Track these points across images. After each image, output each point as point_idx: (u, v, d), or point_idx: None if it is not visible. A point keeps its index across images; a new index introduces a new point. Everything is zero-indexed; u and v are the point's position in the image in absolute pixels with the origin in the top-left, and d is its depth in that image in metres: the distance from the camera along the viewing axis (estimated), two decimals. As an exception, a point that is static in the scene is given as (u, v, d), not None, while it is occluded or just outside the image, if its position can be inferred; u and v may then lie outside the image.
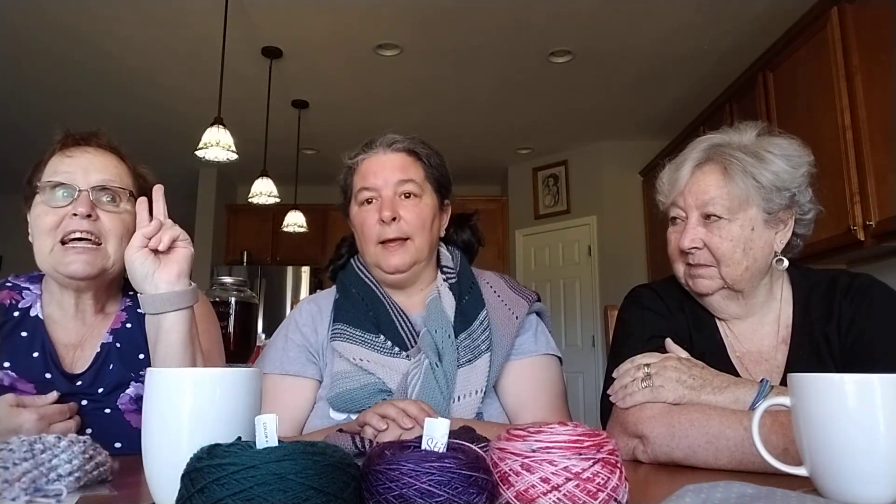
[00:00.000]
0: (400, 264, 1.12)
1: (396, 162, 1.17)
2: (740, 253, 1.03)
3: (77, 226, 1.03)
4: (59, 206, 1.04)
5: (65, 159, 1.07)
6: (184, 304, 0.95)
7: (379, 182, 1.14)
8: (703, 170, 1.06)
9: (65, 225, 1.03)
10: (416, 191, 1.16)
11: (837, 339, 1.03)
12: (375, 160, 1.17)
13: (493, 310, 1.16)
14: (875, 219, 2.60)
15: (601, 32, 3.80)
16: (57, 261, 1.04)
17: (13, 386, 1.03)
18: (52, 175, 1.06)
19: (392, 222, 1.11)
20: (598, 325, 5.42)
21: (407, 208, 1.14)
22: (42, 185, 1.06)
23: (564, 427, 0.60)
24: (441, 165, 1.22)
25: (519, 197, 6.32)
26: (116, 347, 1.12)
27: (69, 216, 1.03)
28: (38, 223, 1.05)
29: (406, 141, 1.19)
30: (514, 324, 1.14)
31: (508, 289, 1.21)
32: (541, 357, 1.16)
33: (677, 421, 0.89)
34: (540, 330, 1.19)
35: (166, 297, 0.93)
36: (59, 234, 1.03)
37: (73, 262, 1.03)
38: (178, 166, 5.95)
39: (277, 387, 1.13)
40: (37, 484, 0.65)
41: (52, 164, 1.08)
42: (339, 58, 4.13)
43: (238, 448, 0.51)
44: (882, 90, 2.59)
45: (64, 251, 1.03)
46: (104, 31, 3.77)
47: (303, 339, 1.17)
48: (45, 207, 1.05)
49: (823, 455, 0.62)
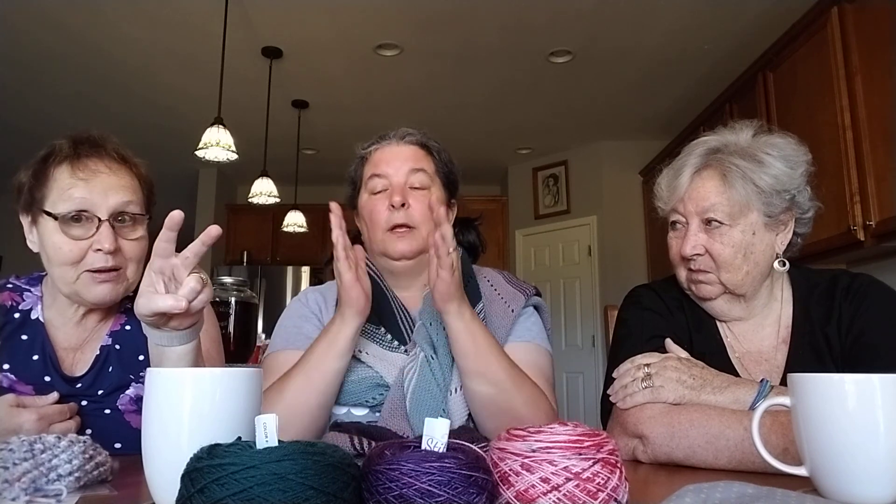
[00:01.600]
0: (407, 250, 1.12)
1: (408, 153, 1.18)
2: (741, 258, 1.03)
3: (103, 262, 1.03)
4: (80, 238, 1.02)
5: (78, 182, 1.03)
6: (193, 338, 0.89)
7: (391, 170, 1.16)
8: (703, 176, 1.05)
9: (90, 260, 1.02)
10: (427, 182, 1.17)
11: (837, 339, 1.03)
12: (388, 150, 1.19)
13: (489, 302, 1.16)
14: (875, 219, 2.60)
15: (601, 32, 3.80)
16: (82, 289, 1.04)
17: (12, 388, 1.03)
18: (67, 200, 1.02)
19: (402, 208, 1.12)
20: (598, 325, 5.42)
21: (416, 198, 1.14)
22: (61, 215, 1.01)
23: (564, 427, 0.60)
24: (451, 162, 1.24)
25: (519, 197, 6.33)
26: (116, 350, 1.12)
27: (93, 250, 1.02)
28: (57, 252, 1.02)
29: (419, 134, 1.22)
30: (509, 316, 1.14)
31: (506, 283, 1.22)
32: (529, 343, 1.15)
33: (677, 421, 0.89)
34: (533, 321, 1.19)
35: (176, 335, 0.87)
36: (82, 267, 1.03)
37: (99, 292, 1.04)
38: (178, 166, 5.95)
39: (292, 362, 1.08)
40: (37, 484, 0.65)
41: (61, 182, 1.03)
42: (339, 58, 4.13)
43: (238, 448, 0.51)
44: (882, 90, 2.59)
45: (90, 280, 1.04)
46: (104, 32, 3.77)
47: (316, 321, 1.17)
48: (64, 238, 1.02)
49: (823, 455, 0.62)
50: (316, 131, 5.21)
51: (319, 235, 5.95)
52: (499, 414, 1.01)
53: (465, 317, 1.01)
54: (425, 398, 1.02)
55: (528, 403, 1.01)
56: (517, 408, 1.00)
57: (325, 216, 0.99)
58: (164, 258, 0.80)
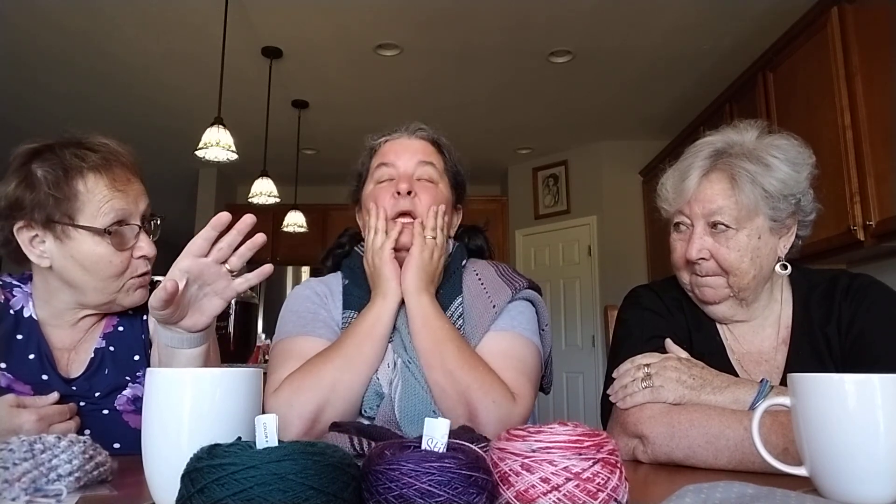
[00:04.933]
0: (407, 242, 1.10)
1: (419, 146, 1.18)
2: (748, 262, 1.03)
3: (145, 268, 1.08)
4: (125, 248, 1.05)
5: (117, 194, 1.04)
6: (203, 342, 0.89)
7: (399, 160, 1.15)
8: (711, 178, 1.04)
9: (134, 267, 1.07)
10: (435, 176, 1.16)
11: (837, 339, 1.03)
12: (398, 142, 1.19)
13: (471, 297, 1.12)
14: (875, 219, 2.60)
15: (601, 32, 3.80)
16: (123, 297, 1.08)
17: (10, 388, 1.03)
18: (109, 213, 1.03)
19: (408, 196, 1.11)
20: (598, 325, 5.42)
21: (423, 189, 1.13)
22: (107, 228, 1.02)
23: (564, 427, 0.60)
24: (460, 163, 1.23)
25: (519, 197, 6.32)
26: (110, 351, 1.12)
27: (135, 258, 1.06)
28: (105, 265, 1.03)
29: (430, 130, 1.21)
30: (490, 313, 1.10)
31: (497, 276, 1.17)
32: (506, 332, 1.09)
33: (677, 421, 0.89)
34: (520, 311, 1.13)
35: (194, 337, 0.87)
36: (127, 276, 1.06)
37: (137, 297, 1.09)
38: (178, 166, 5.95)
39: (314, 347, 1.07)
40: (37, 484, 0.65)
41: (97, 195, 1.02)
42: (339, 58, 4.13)
43: (238, 448, 0.51)
44: (882, 90, 2.59)
45: (131, 287, 1.08)
46: (104, 32, 3.77)
47: (325, 313, 1.15)
48: (110, 250, 1.03)
49: (823, 455, 0.62)
50: (316, 131, 5.21)
51: (319, 235, 5.95)
52: (451, 402, 0.98)
53: (422, 301, 1.03)
54: (413, 402, 1.00)
55: (474, 387, 0.97)
56: (464, 392, 0.97)
57: (325, 216, 0.99)
58: (196, 256, 0.82)
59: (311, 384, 0.98)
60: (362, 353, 1.02)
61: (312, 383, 0.98)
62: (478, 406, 0.97)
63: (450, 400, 0.99)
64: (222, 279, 0.85)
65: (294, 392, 0.98)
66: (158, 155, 5.64)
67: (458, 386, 0.98)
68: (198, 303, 0.86)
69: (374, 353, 1.03)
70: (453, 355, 1.00)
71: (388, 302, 1.05)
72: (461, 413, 0.97)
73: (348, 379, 1.00)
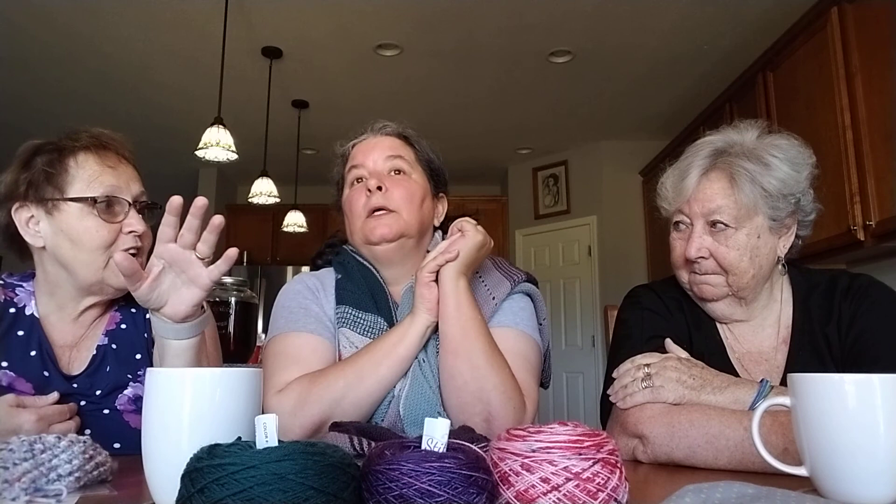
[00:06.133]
0: (387, 233, 1.10)
1: (386, 142, 1.19)
2: (747, 261, 1.03)
3: (133, 243, 1.08)
4: (113, 221, 1.06)
5: (107, 169, 1.07)
6: (193, 333, 0.91)
7: (368, 160, 1.16)
8: (710, 177, 1.04)
9: (122, 242, 1.06)
10: (406, 168, 1.16)
11: (837, 339, 1.03)
12: (366, 143, 1.20)
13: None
14: (875, 219, 2.60)
15: (601, 32, 3.80)
16: (110, 275, 1.07)
17: (11, 385, 1.03)
18: (99, 186, 1.06)
19: (378, 191, 1.11)
20: (598, 325, 5.42)
21: (395, 182, 1.14)
22: (99, 199, 1.05)
23: (564, 427, 0.60)
24: (432, 152, 1.23)
25: (519, 197, 6.32)
26: (112, 349, 1.12)
27: (124, 233, 1.07)
28: (91, 236, 1.05)
29: (396, 125, 1.22)
30: (489, 304, 1.11)
31: (494, 269, 1.18)
32: (512, 329, 1.10)
33: (677, 421, 0.89)
34: (521, 307, 1.14)
35: (179, 328, 0.88)
36: (113, 251, 1.05)
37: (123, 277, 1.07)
38: (178, 166, 5.95)
39: (306, 343, 1.08)
40: (37, 484, 0.65)
41: (88, 170, 1.06)
42: (339, 58, 4.13)
43: (238, 448, 0.51)
44: (882, 90, 2.59)
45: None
46: (104, 32, 3.77)
47: (317, 308, 1.14)
48: (98, 221, 1.05)
49: (823, 455, 0.62)
50: (316, 131, 5.20)
51: (319, 235, 5.94)
52: (469, 397, 0.97)
53: (460, 284, 1.01)
54: (419, 402, 1.00)
55: (499, 389, 0.96)
56: (487, 391, 0.96)
57: (325, 216, 0.99)
58: (164, 242, 0.84)
59: (317, 397, 0.97)
60: (378, 372, 1.00)
61: (319, 396, 0.97)
62: (499, 409, 0.96)
63: (468, 395, 0.97)
64: (194, 266, 0.86)
65: (300, 404, 0.97)
66: (158, 155, 5.63)
67: (481, 382, 0.96)
68: (177, 291, 0.87)
69: (390, 373, 1.00)
70: (483, 351, 0.98)
71: (415, 323, 1.02)
72: (477, 411, 0.96)
73: (355, 396, 0.98)
